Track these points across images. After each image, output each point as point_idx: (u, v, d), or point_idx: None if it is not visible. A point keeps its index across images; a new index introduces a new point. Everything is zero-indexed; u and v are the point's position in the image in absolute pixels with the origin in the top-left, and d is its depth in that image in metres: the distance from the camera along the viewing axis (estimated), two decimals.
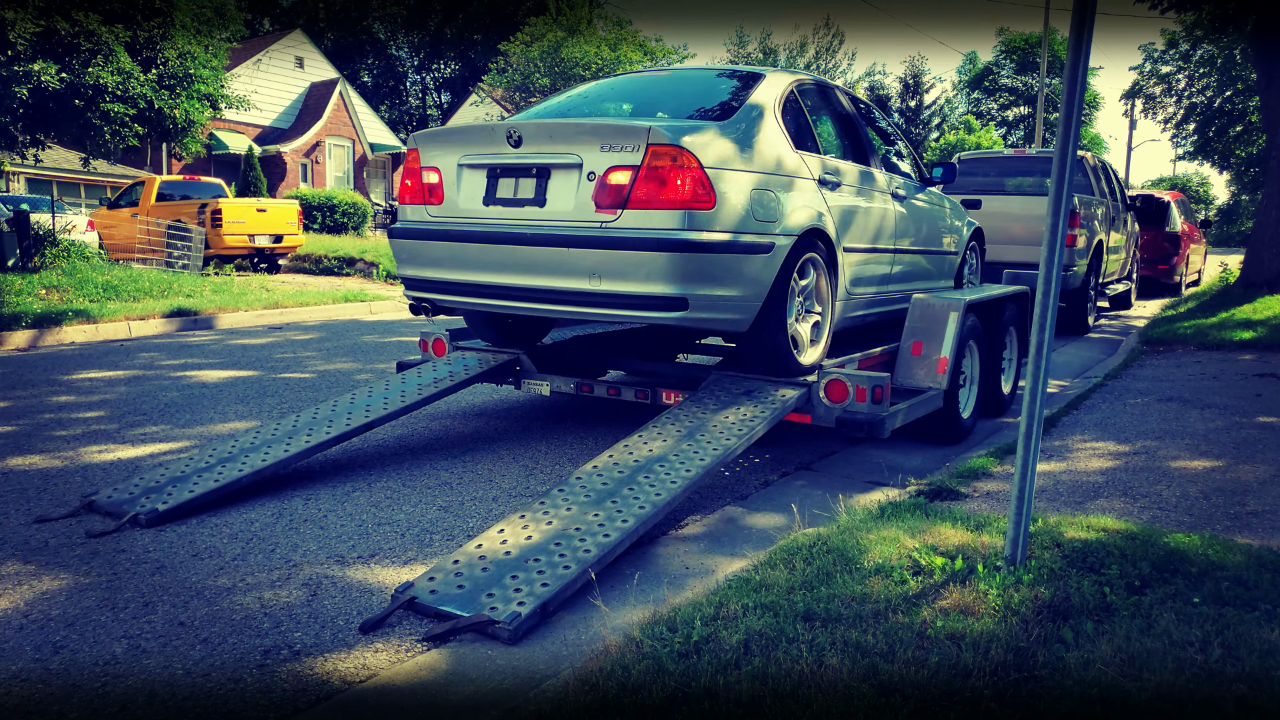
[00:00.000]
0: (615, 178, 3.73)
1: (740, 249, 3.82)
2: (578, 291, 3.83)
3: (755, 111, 4.25)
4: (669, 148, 3.65)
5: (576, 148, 3.84)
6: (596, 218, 3.78)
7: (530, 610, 2.67)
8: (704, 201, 3.68)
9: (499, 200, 4.07)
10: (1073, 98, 2.60)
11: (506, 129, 3.96)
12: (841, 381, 4.11)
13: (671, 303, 3.68)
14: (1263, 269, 11.61)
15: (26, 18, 11.04)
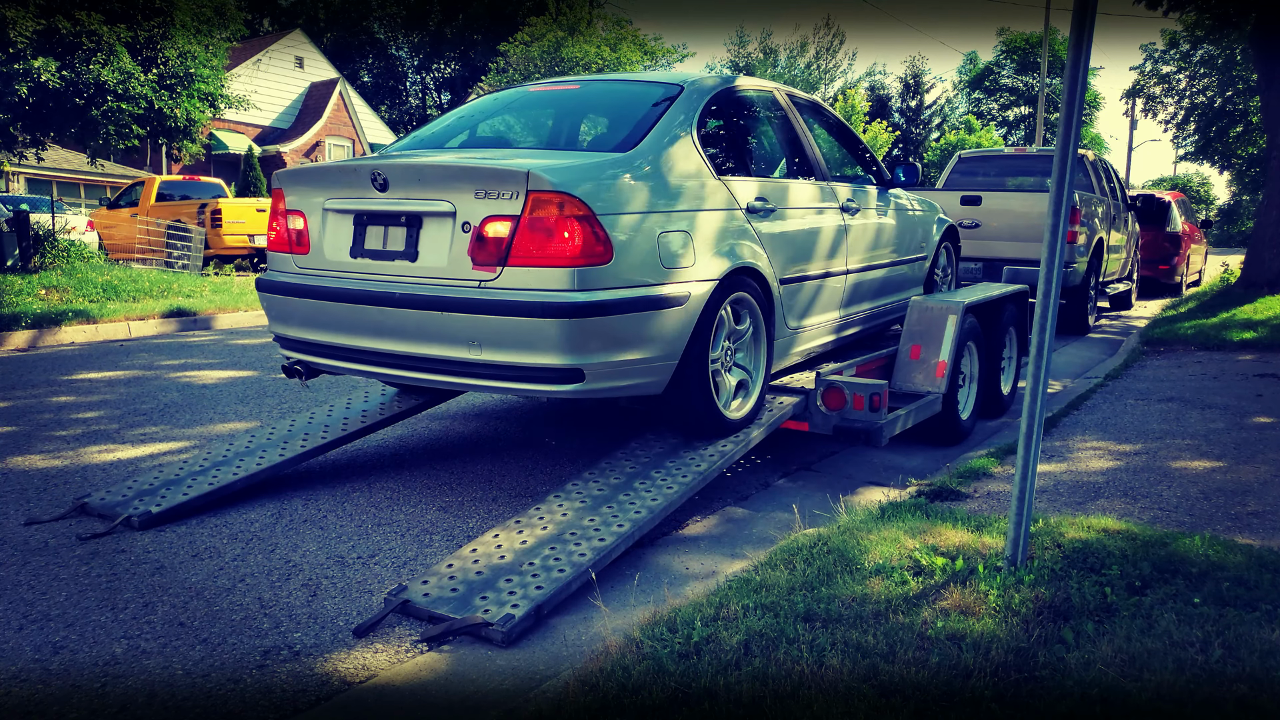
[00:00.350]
0: (493, 229, 3.21)
1: (646, 305, 3.32)
2: (456, 361, 3.32)
3: (667, 137, 3.68)
4: (553, 194, 3.13)
5: (448, 194, 3.30)
6: (473, 275, 3.25)
7: (524, 613, 2.67)
8: (598, 255, 3.18)
9: (367, 252, 3.53)
10: (1073, 96, 2.60)
11: (371, 169, 3.42)
12: (839, 389, 4.10)
13: (564, 374, 3.21)
14: (1263, 269, 11.61)
15: (28, 16, 11.05)
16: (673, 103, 3.87)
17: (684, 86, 4.01)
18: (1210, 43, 29.64)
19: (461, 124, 4.42)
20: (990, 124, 50.22)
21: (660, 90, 4.02)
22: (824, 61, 57.09)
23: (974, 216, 8.86)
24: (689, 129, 3.78)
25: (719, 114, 4.14)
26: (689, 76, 4.18)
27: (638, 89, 4.22)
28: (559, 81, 4.69)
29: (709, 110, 3.99)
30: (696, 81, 4.10)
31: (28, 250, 11.98)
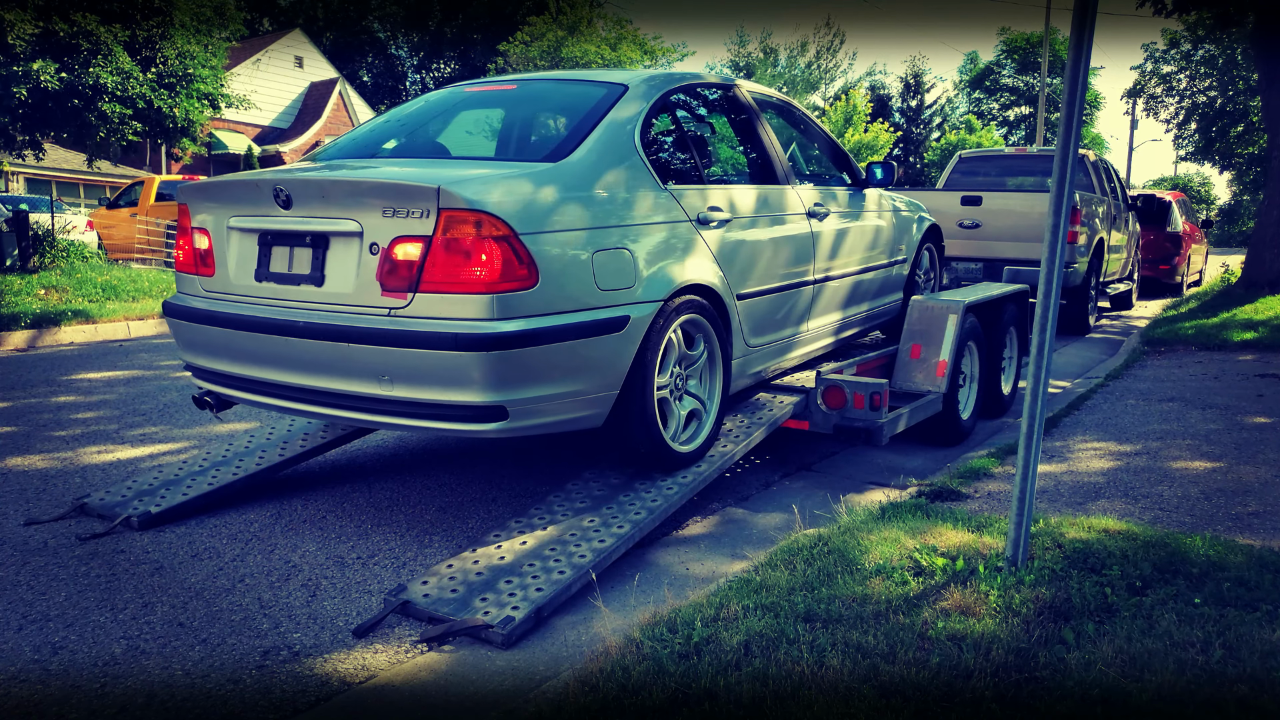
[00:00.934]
0: (403, 252, 2.90)
1: (578, 332, 3.03)
2: (367, 397, 3.01)
3: (605, 144, 3.36)
4: (468, 212, 2.81)
5: (354, 212, 2.99)
6: (383, 303, 2.95)
7: (524, 615, 2.66)
8: (521, 279, 2.87)
9: (273, 275, 3.22)
10: (1074, 96, 2.60)
11: (274, 185, 3.12)
12: (839, 388, 4.09)
13: (484, 412, 2.91)
14: (1264, 269, 11.61)
15: (26, 18, 11.05)
16: (615, 105, 3.54)
17: (629, 86, 3.68)
18: (1211, 42, 29.65)
19: (391, 129, 4.07)
20: (991, 124, 50.20)
21: (602, 91, 3.68)
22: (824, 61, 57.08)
23: (974, 216, 8.86)
24: (632, 134, 3.47)
25: (669, 116, 3.84)
26: (637, 75, 3.86)
27: (579, 89, 3.89)
28: (496, 81, 4.35)
29: (656, 112, 3.70)
30: (644, 81, 3.78)
31: (27, 250, 11.98)
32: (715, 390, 3.73)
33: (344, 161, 3.63)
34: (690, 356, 3.63)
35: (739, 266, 3.81)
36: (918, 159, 47.97)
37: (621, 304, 3.19)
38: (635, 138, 3.47)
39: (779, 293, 4.13)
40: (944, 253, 6.36)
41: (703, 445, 3.65)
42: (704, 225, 3.63)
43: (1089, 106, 48.55)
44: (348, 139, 3.99)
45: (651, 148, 3.58)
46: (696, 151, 3.89)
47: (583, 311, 3.07)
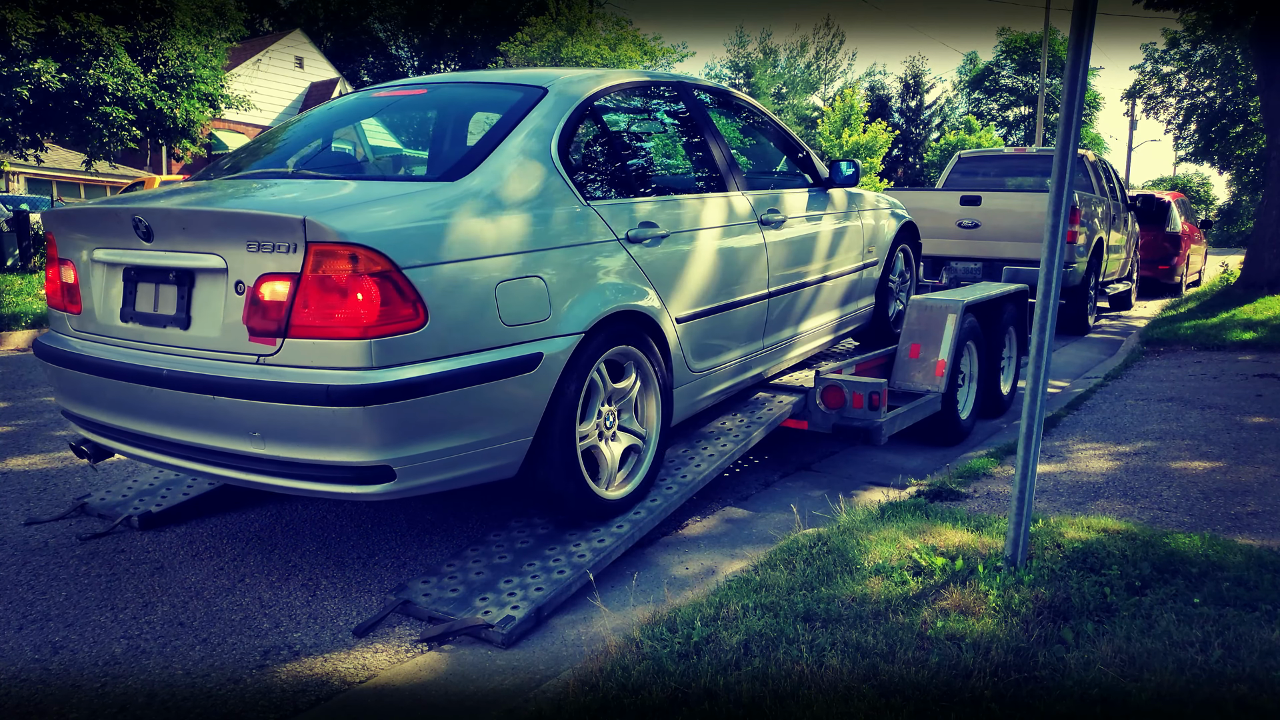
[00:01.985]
0: (270, 291, 2.55)
1: (478, 376, 2.67)
2: (241, 455, 2.66)
3: (515, 157, 2.98)
4: (339, 246, 2.45)
5: (218, 245, 2.64)
6: (251, 349, 2.60)
7: (524, 614, 2.67)
8: (405, 320, 2.52)
9: (139, 315, 2.87)
10: (1073, 96, 2.60)
11: (133, 214, 2.77)
12: (838, 387, 4.10)
13: (367, 474, 2.56)
14: (1263, 269, 11.61)
15: (28, 18, 11.06)
16: (530, 111, 3.17)
17: (548, 89, 3.31)
18: (1210, 42, 29.66)
19: (291, 141, 3.69)
20: (990, 124, 50.22)
21: (518, 95, 3.31)
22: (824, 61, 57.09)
23: (974, 216, 8.86)
24: (548, 144, 3.10)
25: (595, 120, 3.45)
26: (561, 76, 3.46)
27: (493, 94, 3.54)
28: (406, 85, 3.90)
29: (581, 118, 3.32)
30: (567, 82, 3.40)
31: (27, 250, 11.99)
32: (654, 424, 3.39)
33: (223, 182, 3.24)
34: (621, 390, 3.28)
35: (678, 286, 3.47)
36: (917, 159, 47.98)
37: (533, 340, 2.84)
38: (552, 148, 3.11)
39: (726, 311, 3.78)
40: (921, 252, 6.05)
41: (641, 486, 3.32)
42: (635, 243, 3.27)
43: (1088, 107, 48.55)
44: (245, 150, 3.68)
45: (573, 159, 3.22)
46: (628, 160, 3.54)
47: (484, 352, 2.71)
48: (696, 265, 3.59)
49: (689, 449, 3.76)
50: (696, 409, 3.77)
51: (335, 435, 2.51)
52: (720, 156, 3.97)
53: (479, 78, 3.76)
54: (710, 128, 4.02)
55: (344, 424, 2.48)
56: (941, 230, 8.95)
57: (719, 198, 3.85)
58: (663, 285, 3.38)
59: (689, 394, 3.63)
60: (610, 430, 3.26)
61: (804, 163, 4.72)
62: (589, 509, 3.14)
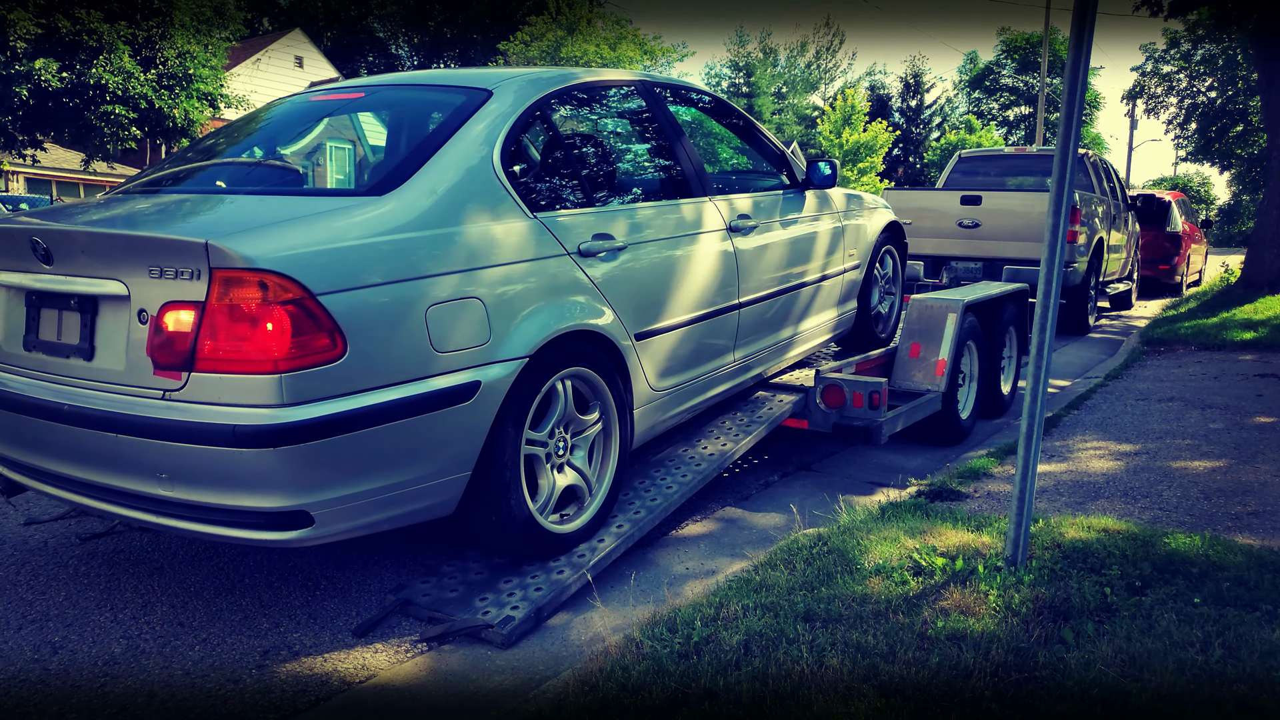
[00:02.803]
0: (174, 321, 2.35)
1: (405, 410, 2.47)
2: (147, 497, 2.47)
3: (451, 169, 2.76)
4: (246, 272, 2.25)
5: (120, 271, 2.44)
6: (157, 383, 2.39)
7: (524, 614, 2.67)
8: (321, 352, 2.32)
9: (42, 344, 2.67)
10: (1073, 96, 2.60)
11: (30, 235, 2.57)
12: (838, 386, 4.10)
13: (281, 519, 2.37)
14: (1264, 269, 11.61)
15: (27, 17, 11.06)
16: (472, 117, 2.94)
17: (493, 91, 3.07)
18: (1211, 42, 29.66)
19: (221, 148, 3.47)
20: (990, 124, 50.23)
21: (460, 99, 3.07)
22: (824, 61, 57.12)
23: (974, 216, 8.86)
24: (489, 152, 2.87)
25: (545, 124, 3.22)
26: (509, 76, 3.23)
27: (434, 97, 3.34)
28: (343, 88, 3.67)
29: (529, 121, 3.09)
30: (514, 83, 3.16)
31: None
32: (612, 448, 3.20)
33: (135, 199, 2.99)
34: (573, 414, 3.08)
35: (637, 301, 3.24)
36: (917, 159, 47.99)
37: (469, 367, 2.62)
38: (494, 157, 2.87)
39: (692, 325, 3.55)
40: (907, 251, 5.82)
41: (596, 515, 3.12)
42: (588, 257, 3.05)
43: (1088, 107, 48.56)
44: (170, 161, 3.47)
45: (519, 167, 2.99)
46: (582, 168, 3.28)
47: (413, 383, 2.49)
48: (657, 278, 3.37)
49: (689, 447, 3.76)
50: (661, 429, 3.55)
51: (244, 478, 2.32)
52: (686, 160, 3.74)
53: (421, 79, 3.55)
54: (675, 130, 3.80)
55: (252, 467, 2.29)
56: (942, 230, 8.95)
57: (683, 205, 3.62)
58: (620, 301, 3.15)
59: (652, 414, 3.41)
60: (563, 455, 3.06)
61: (780, 163, 4.51)
62: (535, 544, 2.91)
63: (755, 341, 4.06)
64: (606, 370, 3.11)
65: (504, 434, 2.75)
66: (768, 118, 50.94)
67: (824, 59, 57.04)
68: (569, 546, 3.02)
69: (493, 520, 2.82)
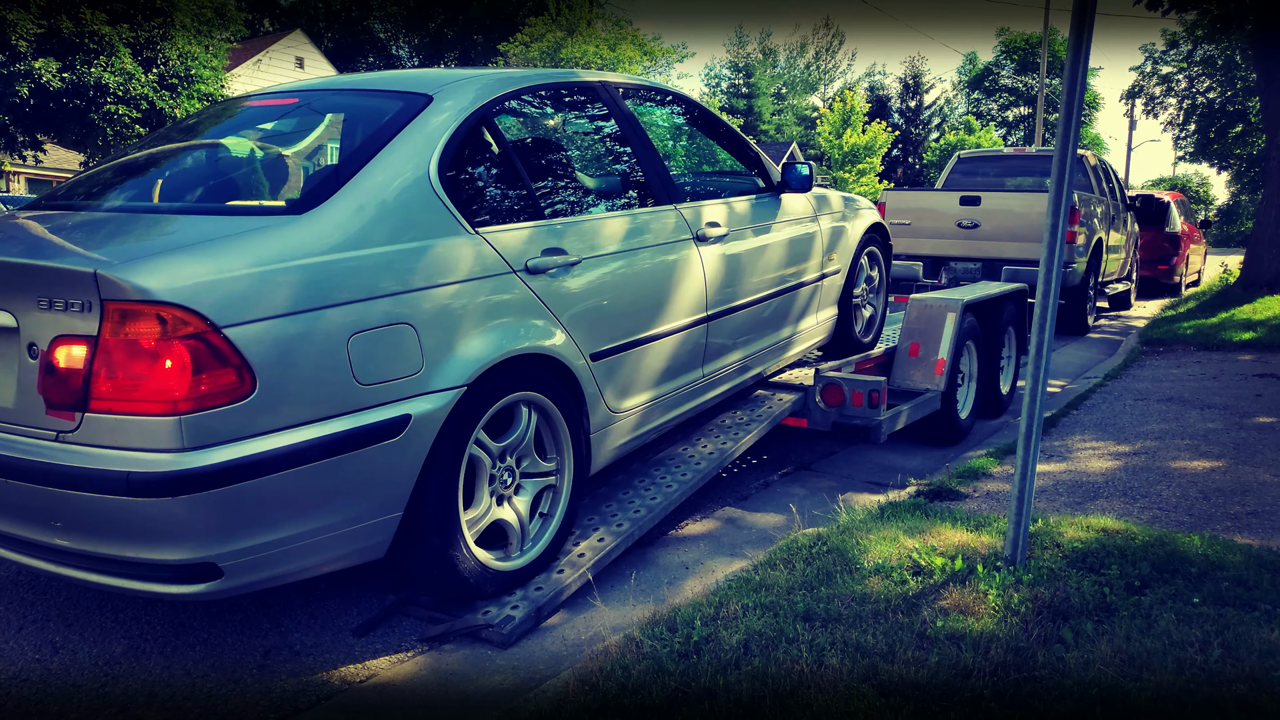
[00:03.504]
0: (66, 356, 2.14)
1: (326, 450, 2.27)
2: (45, 546, 2.29)
3: (381, 182, 2.54)
4: (142, 304, 2.05)
5: (8, 301, 2.24)
6: (49, 424, 2.19)
7: (524, 614, 2.67)
8: (227, 389, 2.12)
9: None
10: (1073, 97, 2.60)
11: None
12: (838, 385, 4.10)
13: (188, 572, 2.18)
14: (1263, 269, 11.61)
15: (28, 18, 11.07)
16: (409, 125, 2.72)
17: (433, 97, 2.84)
18: (1210, 43, 29.68)
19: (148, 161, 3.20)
20: (990, 124, 50.28)
21: (397, 105, 2.85)
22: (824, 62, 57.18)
23: (973, 217, 8.87)
24: (425, 164, 2.65)
25: (491, 131, 2.98)
26: (451, 80, 2.99)
27: (370, 103, 3.08)
28: (279, 93, 3.47)
29: (472, 129, 2.86)
30: (457, 88, 2.93)
31: None
32: (565, 476, 3.00)
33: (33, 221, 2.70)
34: (518, 444, 2.86)
35: (593, 319, 3.03)
36: (917, 159, 48.02)
37: (399, 399, 2.41)
38: (431, 168, 2.65)
39: (656, 341, 3.33)
40: (891, 253, 5.58)
41: (548, 548, 2.92)
42: (537, 274, 2.83)
43: (1087, 107, 48.60)
44: (85, 176, 3.18)
45: (460, 179, 2.77)
46: (532, 177, 3.05)
47: (333, 420, 2.29)
48: (615, 293, 3.16)
49: (688, 446, 3.76)
50: (623, 452, 3.35)
51: (142, 529, 2.12)
52: (648, 166, 3.53)
53: (359, 83, 3.31)
54: (637, 134, 3.56)
55: (150, 517, 2.09)
56: (941, 230, 8.96)
57: (645, 214, 3.40)
58: (573, 319, 2.94)
59: (613, 436, 3.22)
60: (508, 487, 2.86)
61: (756, 166, 4.30)
62: (471, 584, 2.69)
63: (726, 355, 3.85)
64: (559, 394, 2.91)
65: (439, 470, 2.53)
66: (767, 118, 50.96)
67: (823, 60, 57.10)
68: (525, 579, 2.84)
69: (425, 566, 2.64)
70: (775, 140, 46.43)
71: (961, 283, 8.55)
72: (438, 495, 2.55)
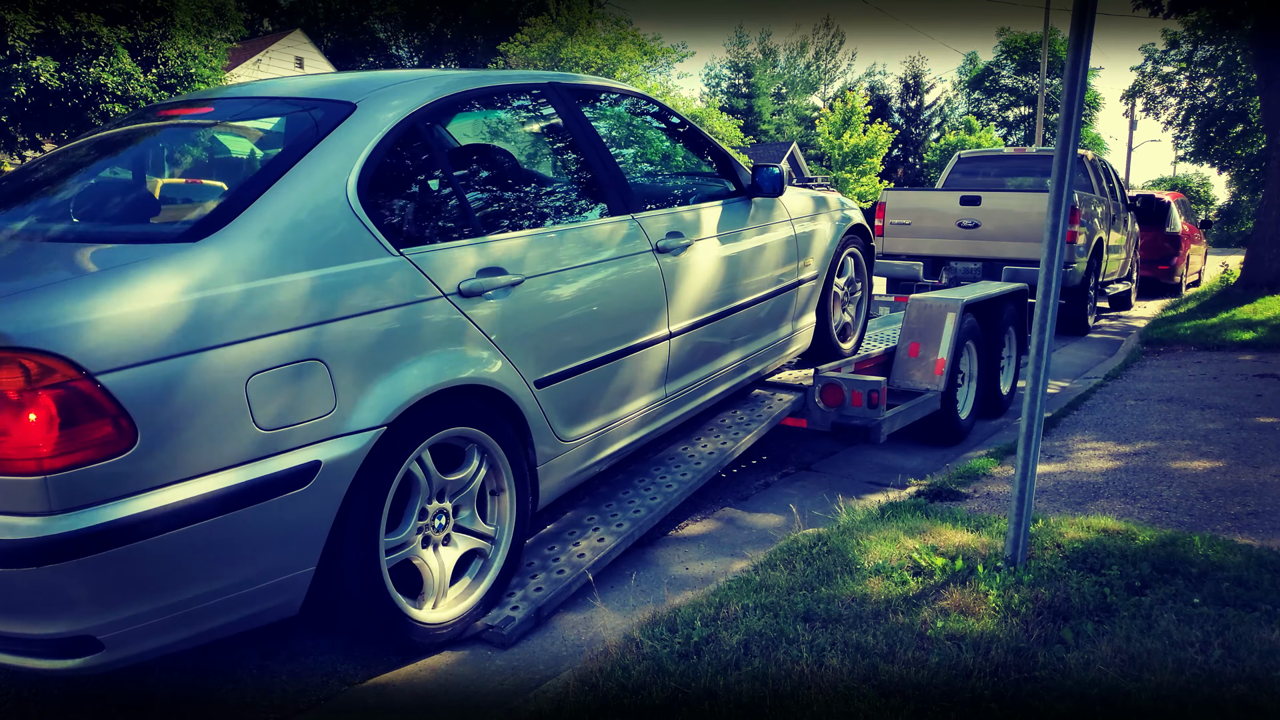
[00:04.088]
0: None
1: (221, 505, 2.04)
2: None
3: (289, 205, 2.28)
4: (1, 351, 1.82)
5: None
6: None
7: (524, 615, 2.67)
8: (103, 444, 1.88)
9: None
10: (1073, 97, 2.60)
11: None
12: (837, 385, 4.10)
13: (64, 646, 1.96)
14: (1263, 269, 11.61)
15: (26, 18, 11.07)
16: (326, 137, 2.46)
17: (357, 105, 2.58)
18: (1210, 43, 29.68)
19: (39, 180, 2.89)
20: (990, 124, 50.29)
21: (316, 116, 2.57)
22: (824, 62, 57.20)
23: (974, 216, 8.87)
24: (343, 181, 2.39)
25: (422, 142, 2.70)
26: (378, 85, 2.74)
27: (289, 114, 2.81)
28: (193, 101, 3.21)
29: (399, 140, 2.59)
30: (383, 95, 2.67)
31: None
32: (507, 515, 2.76)
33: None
34: (457, 483, 2.61)
35: (538, 342, 2.78)
36: (917, 159, 48.03)
37: (307, 444, 2.17)
38: (349, 186, 2.39)
39: (611, 362, 3.09)
40: (873, 255, 5.26)
41: (489, 592, 2.69)
42: (472, 297, 2.57)
43: (1088, 107, 48.61)
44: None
45: (385, 196, 2.51)
46: (469, 190, 2.83)
47: (230, 471, 2.05)
48: (564, 313, 2.90)
49: (688, 445, 3.76)
50: (575, 482, 3.11)
51: (10, 601, 1.91)
52: (603, 173, 3.27)
53: (278, 90, 2.97)
54: (591, 139, 3.32)
55: (17, 588, 1.88)
56: (941, 230, 8.96)
57: (598, 225, 3.14)
58: (514, 344, 2.69)
59: (564, 467, 2.98)
60: (441, 535, 2.59)
61: (724, 170, 4.04)
62: (406, 641, 2.49)
63: (691, 373, 3.59)
64: (498, 427, 2.66)
65: (353, 520, 2.29)
66: (767, 118, 50.97)
67: (823, 59, 57.12)
68: (455, 637, 2.60)
69: (349, 619, 2.44)
70: (775, 140, 46.46)
71: (962, 282, 8.55)
72: (357, 547, 2.29)
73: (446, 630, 2.57)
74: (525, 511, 2.81)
